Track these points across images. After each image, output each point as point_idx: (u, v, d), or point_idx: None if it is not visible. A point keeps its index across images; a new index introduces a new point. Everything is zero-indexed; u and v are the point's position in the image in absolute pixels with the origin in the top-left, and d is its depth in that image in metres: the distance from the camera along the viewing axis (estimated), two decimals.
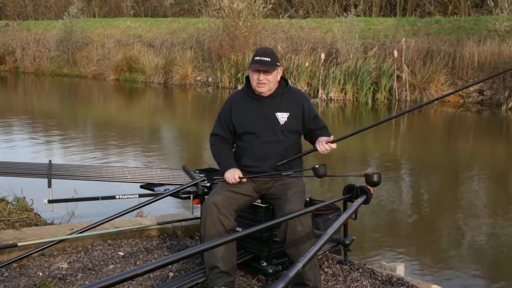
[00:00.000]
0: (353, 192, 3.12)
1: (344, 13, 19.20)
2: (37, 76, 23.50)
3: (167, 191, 3.67)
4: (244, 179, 3.21)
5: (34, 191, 4.83)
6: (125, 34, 23.34)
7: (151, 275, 3.31)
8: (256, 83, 3.23)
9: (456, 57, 15.25)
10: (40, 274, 3.34)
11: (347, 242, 3.48)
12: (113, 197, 3.73)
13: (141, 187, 3.96)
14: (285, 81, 3.37)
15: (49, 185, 3.53)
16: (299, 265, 2.17)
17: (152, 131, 12.02)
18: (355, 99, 15.33)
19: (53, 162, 3.99)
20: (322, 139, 3.19)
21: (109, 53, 22.30)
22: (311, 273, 3.00)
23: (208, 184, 3.71)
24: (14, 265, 3.40)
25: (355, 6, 20.61)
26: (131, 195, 3.74)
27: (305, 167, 3.51)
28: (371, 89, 15.19)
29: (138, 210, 4.43)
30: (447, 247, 5.31)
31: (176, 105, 16.62)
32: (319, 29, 18.89)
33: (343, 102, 15.22)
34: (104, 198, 3.84)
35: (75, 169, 4.22)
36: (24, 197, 4.96)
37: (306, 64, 15.96)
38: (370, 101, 15.09)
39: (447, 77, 15.04)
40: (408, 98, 14.99)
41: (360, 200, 3.00)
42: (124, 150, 9.19)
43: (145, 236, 4.07)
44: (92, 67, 22.30)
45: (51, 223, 4.67)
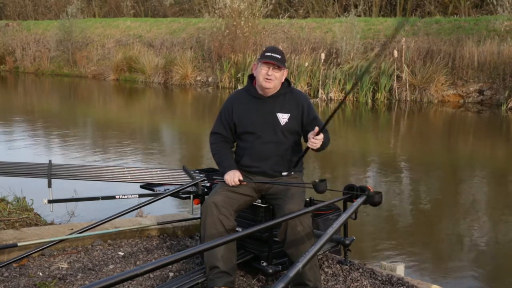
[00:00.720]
0: (353, 192, 3.12)
1: (345, 13, 19.21)
2: (37, 76, 23.50)
3: (167, 191, 3.67)
4: (244, 182, 3.21)
5: (34, 191, 4.83)
6: (125, 34, 23.34)
7: (151, 275, 3.31)
8: (264, 78, 3.21)
9: (456, 57, 15.25)
10: (40, 274, 3.34)
11: (347, 242, 3.48)
12: (113, 197, 3.73)
13: (141, 187, 3.96)
14: (288, 82, 3.37)
15: (49, 185, 3.53)
16: (299, 265, 2.17)
17: (152, 131, 12.02)
18: (355, 99, 15.34)
19: (53, 162, 3.99)
20: (310, 135, 3.12)
21: (109, 53, 22.31)
22: (311, 273, 3.00)
23: (208, 184, 3.71)
24: (14, 265, 3.40)
25: (355, 6, 20.61)
26: (131, 195, 3.74)
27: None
28: (371, 89, 15.20)
29: (138, 210, 4.43)
30: (447, 247, 5.31)
31: (176, 105, 16.62)
32: (319, 29, 18.89)
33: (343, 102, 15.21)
34: (104, 198, 3.84)
35: (75, 169, 4.21)
36: (24, 197, 4.95)
37: (306, 64, 15.96)
38: (370, 101, 15.09)
39: (447, 77, 15.04)
40: (408, 98, 15.00)
41: (360, 200, 3.00)
42: (124, 150, 9.19)
43: (145, 236, 4.07)
44: (92, 67, 22.30)
45: (51, 223, 4.66)
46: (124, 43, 22.32)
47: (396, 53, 15.14)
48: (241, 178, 3.21)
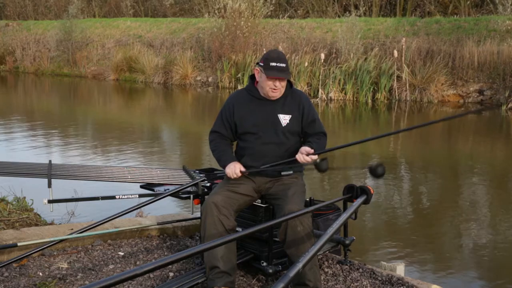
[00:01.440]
0: (353, 192, 3.12)
1: (345, 13, 19.21)
2: (37, 76, 23.51)
3: (167, 191, 3.67)
4: (246, 172, 3.19)
5: (34, 191, 4.83)
6: (125, 34, 23.34)
7: (151, 275, 3.31)
8: (271, 89, 3.21)
9: (456, 57, 15.25)
10: (40, 274, 3.34)
11: (347, 242, 3.47)
12: (113, 197, 3.73)
13: (141, 187, 3.95)
14: (290, 84, 3.36)
15: (49, 185, 3.53)
16: (299, 265, 2.17)
17: (152, 131, 12.02)
18: (355, 99, 15.34)
19: (53, 162, 3.99)
20: (303, 150, 3.14)
21: (109, 53, 22.32)
22: (311, 273, 3.00)
23: (208, 184, 3.71)
24: (14, 265, 3.40)
25: (356, 7, 20.61)
26: (131, 195, 3.74)
27: (305, 167, 3.51)
28: (371, 89, 15.20)
29: (138, 210, 4.43)
30: (447, 247, 5.31)
31: (176, 105, 16.62)
32: (319, 29, 18.89)
33: (343, 102, 15.23)
34: (104, 198, 3.84)
35: (75, 169, 4.21)
36: (24, 197, 4.95)
37: (306, 64, 15.96)
38: (370, 101, 15.09)
39: (447, 77, 15.04)
40: (408, 98, 14.99)
41: (360, 200, 3.00)
42: (124, 150, 9.19)
43: (145, 236, 4.07)
44: (92, 67, 22.31)
45: (51, 223, 4.66)
46: (124, 43, 22.32)
47: (396, 53, 15.14)
48: (243, 169, 3.19)
